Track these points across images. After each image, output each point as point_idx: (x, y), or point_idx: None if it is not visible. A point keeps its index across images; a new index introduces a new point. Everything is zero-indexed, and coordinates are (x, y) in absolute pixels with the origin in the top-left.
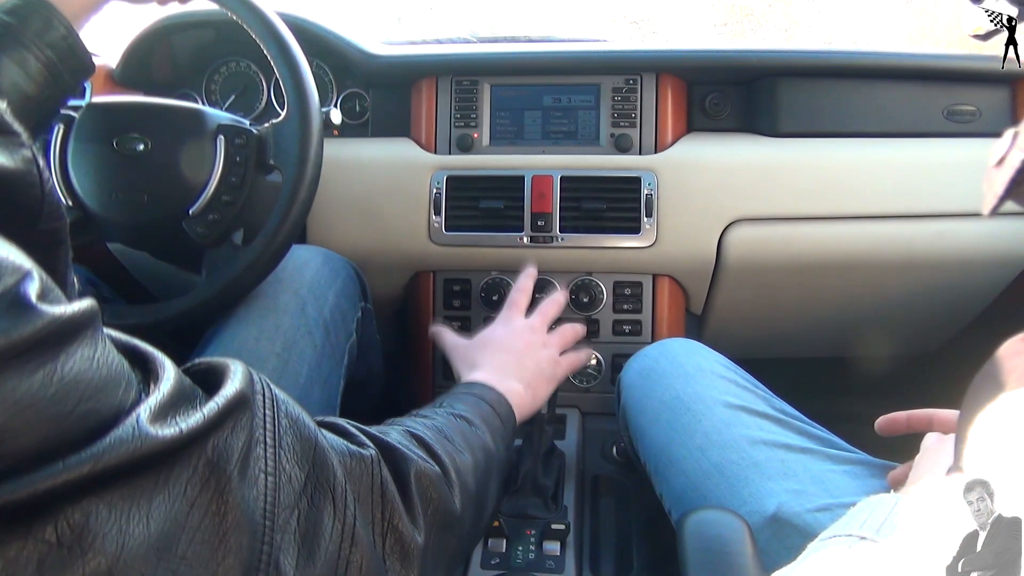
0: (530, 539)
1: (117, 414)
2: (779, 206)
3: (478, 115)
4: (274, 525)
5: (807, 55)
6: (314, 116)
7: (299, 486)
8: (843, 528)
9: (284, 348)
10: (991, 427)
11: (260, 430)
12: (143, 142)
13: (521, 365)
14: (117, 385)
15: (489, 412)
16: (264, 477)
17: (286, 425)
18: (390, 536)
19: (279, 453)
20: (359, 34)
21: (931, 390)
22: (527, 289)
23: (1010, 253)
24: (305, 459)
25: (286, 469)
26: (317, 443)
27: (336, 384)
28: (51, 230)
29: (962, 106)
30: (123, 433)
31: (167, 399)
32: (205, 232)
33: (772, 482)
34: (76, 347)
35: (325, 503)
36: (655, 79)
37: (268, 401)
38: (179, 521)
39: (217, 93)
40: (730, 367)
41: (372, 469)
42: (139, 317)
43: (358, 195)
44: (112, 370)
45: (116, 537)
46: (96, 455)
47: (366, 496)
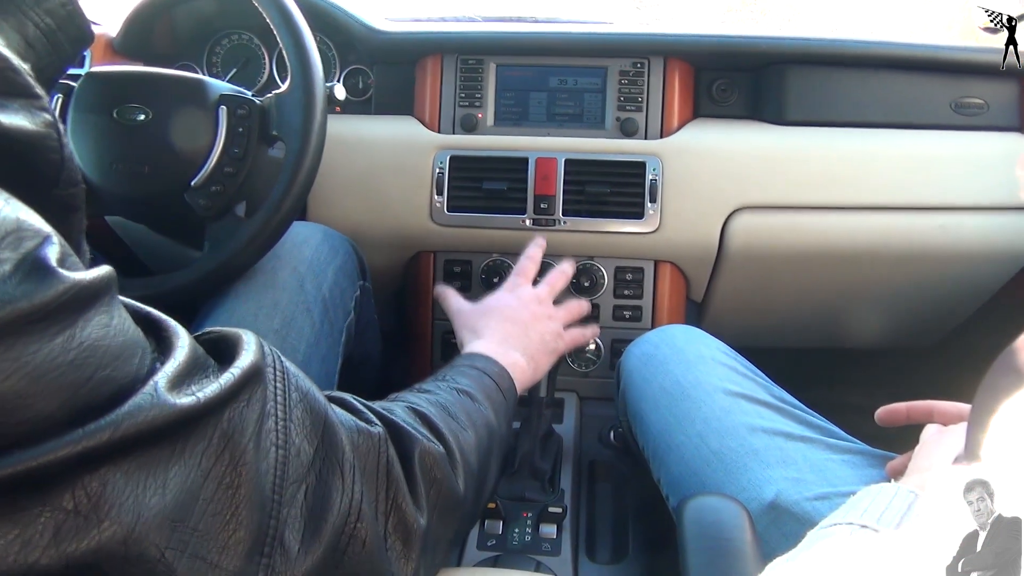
0: (527, 521)
1: (134, 382)
2: (783, 195)
3: (483, 95)
4: (282, 499)
5: (817, 43)
6: (318, 86)
7: (308, 460)
8: (843, 516)
9: (282, 324)
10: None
11: (271, 403)
12: (144, 112)
13: (525, 336)
14: (133, 353)
15: (492, 387)
16: (275, 450)
17: (296, 399)
18: (393, 516)
19: (289, 427)
20: (364, 9)
21: (930, 383)
22: (536, 258)
23: (1012, 248)
24: (315, 433)
25: (295, 443)
26: (327, 418)
27: (334, 362)
28: (67, 195)
29: (970, 99)
30: (142, 400)
31: (183, 367)
32: (208, 204)
33: (771, 470)
34: (94, 314)
35: (333, 478)
36: (663, 63)
37: (279, 374)
38: (194, 492)
39: (219, 66)
40: (730, 354)
41: (379, 447)
42: (140, 290)
43: (360, 173)
44: (128, 337)
45: (132, 506)
46: (115, 422)
47: (371, 474)
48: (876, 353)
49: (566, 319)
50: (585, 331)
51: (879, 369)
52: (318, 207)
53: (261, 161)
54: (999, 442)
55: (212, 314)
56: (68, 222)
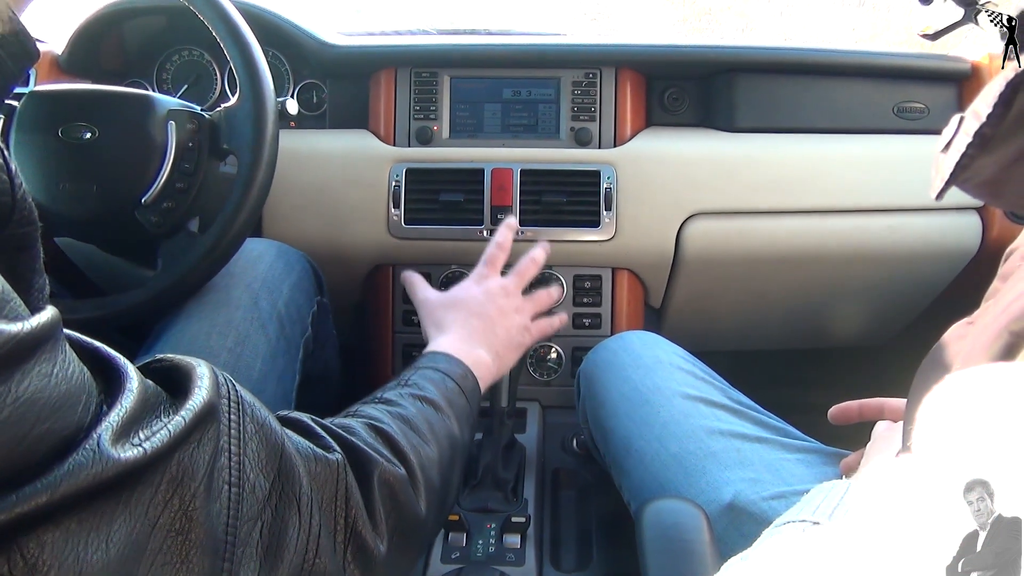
0: (490, 532)
1: (77, 431)
2: (736, 200)
3: (438, 107)
4: (235, 539)
5: (763, 51)
6: (268, 97)
7: (263, 496)
8: (796, 514)
9: (236, 343)
10: (936, 408)
11: (225, 438)
12: (90, 130)
13: (492, 331)
14: (77, 401)
15: (455, 391)
16: (228, 489)
17: (252, 431)
18: (352, 544)
19: (243, 461)
20: (316, 24)
21: (883, 380)
22: (506, 245)
23: (957, 246)
24: (271, 466)
25: (250, 479)
26: (284, 449)
27: (291, 379)
28: (20, 235)
29: (912, 103)
30: (83, 458)
31: (130, 414)
32: (159, 221)
33: (729, 471)
34: (34, 364)
35: (290, 514)
36: (614, 73)
37: (233, 405)
38: (140, 544)
39: (169, 82)
40: (688, 359)
41: (337, 475)
42: (92, 311)
43: (316, 188)
44: (72, 385)
45: (73, 565)
46: (53, 484)
47: (330, 502)
48: (830, 352)
49: (533, 311)
50: (552, 321)
51: (834, 368)
52: (274, 223)
53: (213, 176)
54: (925, 433)
55: (164, 334)
56: (19, 260)
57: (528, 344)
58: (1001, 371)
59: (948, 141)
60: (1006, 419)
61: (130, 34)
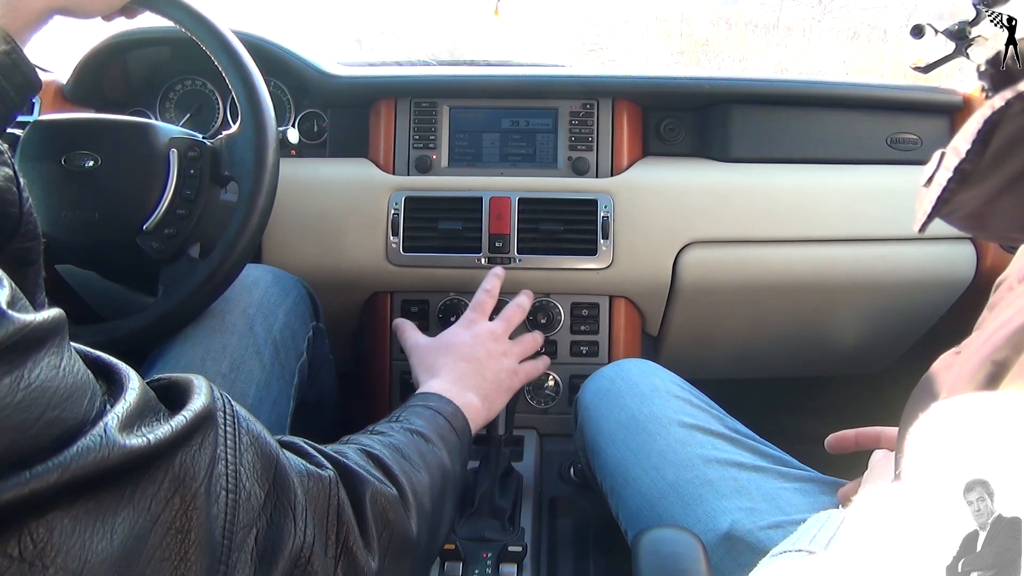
0: (487, 562)
1: (83, 423)
2: (731, 229)
3: (437, 137)
4: (231, 544)
5: (758, 83)
6: (269, 124)
7: (259, 504)
8: (793, 544)
9: (231, 368)
10: (922, 437)
11: (222, 447)
12: (93, 158)
13: (480, 375)
14: (83, 395)
15: (446, 427)
16: (225, 495)
17: (247, 442)
18: (344, 560)
19: (239, 470)
20: (318, 54)
21: (880, 409)
22: (493, 292)
23: (951, 275)
24: (266, 477)
25: (246, 487)
26: (278, 461)
27: (286, 404)
28: (24, 248)
29: (905, 135)
30: (91, 442)
31: (134, 409)
32: (161, 247)
33: (726, 500)
34: (43, 355)
35: (285, 521)
36: (611, 104)
37: (229, 418)
38: (142, 537)
39: (172, 111)
40: (685, 387)
41: (330, 491)
42: (93, 336)
43: (315, 215)
44: (78, 379)
45: (79, 552)
46: (63, 464)
47: (322, 518)
48: (827, 381)
49: (521, 355)
50: (538, 364)
51: (831, 397)
52: (274, 249)
53: (214, 203)
54: (914, 461)
55: (160, 360)
56: (23, 275)
57: (516, 387)
58: (983, 400)
59: (930, 176)
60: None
61: (134, 64)
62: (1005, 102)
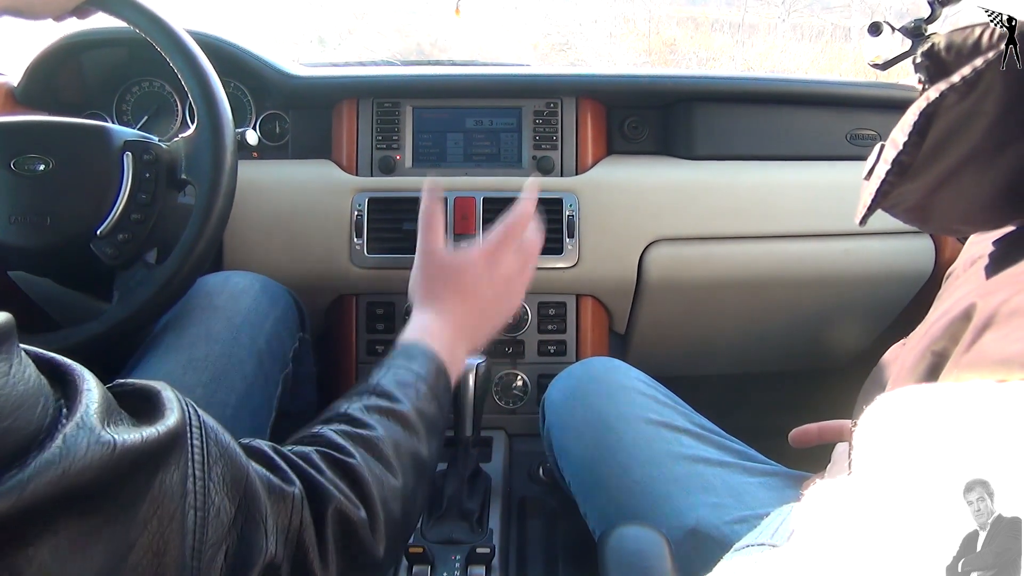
0: (455, 564)
1: (38, 431)
2: (696, 226)
3: (400, 137)
4: (200, 565)
5: (720, 81)
6: (226, 126)
7: (228, 520)
8: (756, 538)
9: (212, 379)
10: (867, 430)
11: (190, 463)
12: (43, 162)
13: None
14: (35, 403)
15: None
16: (193, 513)
17: (216, 455)
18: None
19: (208, 486)
20: (278, 55)
21: (843, 402)
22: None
23: (911, 269)
24: (236, 489)
25: (215, 502)
26: (248, 473)
27: (267, 415)
28: None
29: (864, 130)
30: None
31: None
32: (115, 253)
33: (692, 496)
34: None
35: (256, 535)
36: (575, 103)
37: (196, 430)
38: (121, 555)
39: (129, 113)
40: (651, 384)
41: (293, 508)
42: (44, 344)
43: (278, 217)
44: (30, 386)
45: None
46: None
47: (283, 533)
48: (791, 375)
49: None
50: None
51: (795, 391)
52: (236, 253)
53: (171, 207)
54: (862, 454)
55: (139, 368)
56: None
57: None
58: (923, 392)
59: (870, 168)
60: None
61: (90, 65)
62: (939, 94)
